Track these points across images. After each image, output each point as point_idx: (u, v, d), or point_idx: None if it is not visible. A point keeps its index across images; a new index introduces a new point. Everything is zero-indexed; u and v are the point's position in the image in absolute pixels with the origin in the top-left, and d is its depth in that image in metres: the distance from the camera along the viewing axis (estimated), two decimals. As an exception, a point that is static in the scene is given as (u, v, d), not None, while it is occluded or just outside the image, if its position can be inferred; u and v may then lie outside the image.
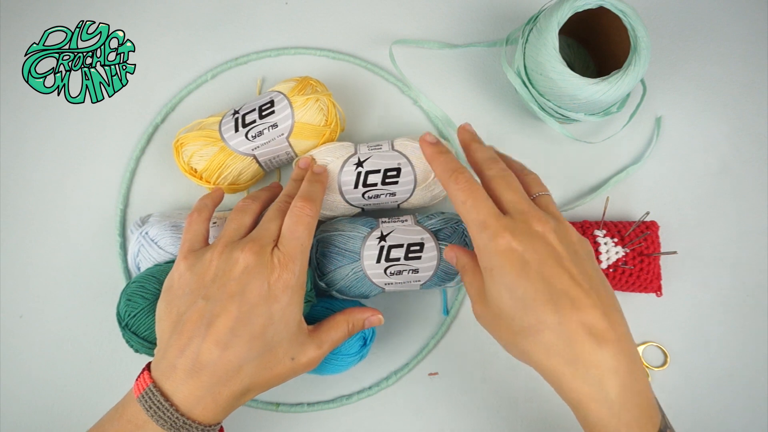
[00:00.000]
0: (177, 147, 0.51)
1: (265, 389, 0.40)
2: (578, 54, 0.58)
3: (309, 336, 0.41)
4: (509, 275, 0.36)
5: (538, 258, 0.36)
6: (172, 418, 0.36)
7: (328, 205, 0.50)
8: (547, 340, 0.35)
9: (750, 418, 0.53)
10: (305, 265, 0.41)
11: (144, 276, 0.46)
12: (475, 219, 0.38)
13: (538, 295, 0.35)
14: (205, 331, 0.37)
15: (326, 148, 0.50)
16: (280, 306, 0.39)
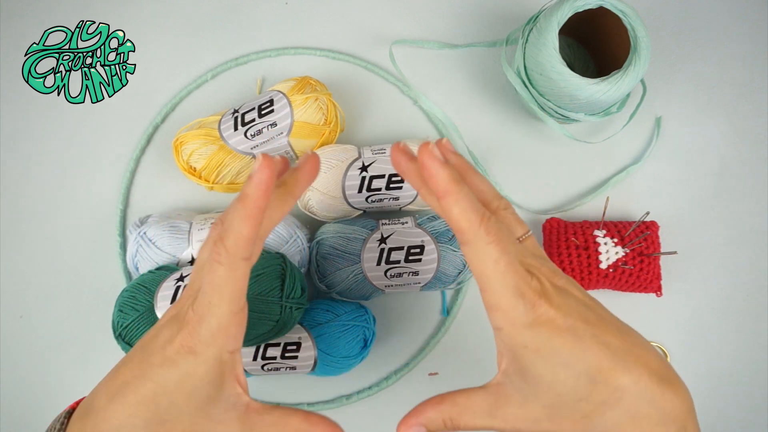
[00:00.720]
0: (176, 146, 0.51)
1: None
2: (578, 54, 0.58)
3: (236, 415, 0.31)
4: (563, 349, 0.28)
5: (582, 318, 0.29)
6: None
7: (329, 207, 0.50)
8: (629, 407, 0.28)
9: (750, 418, 0.53)
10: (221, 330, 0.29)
11: (135, 285, 0.46)
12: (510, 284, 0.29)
13: (603, 362, 0.28)
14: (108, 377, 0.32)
15: (330, 150, 0.50)
16: (177, 374, 0.29)
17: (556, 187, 0.57)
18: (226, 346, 0.30)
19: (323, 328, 0.47)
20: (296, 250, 0.49)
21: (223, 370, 0.30)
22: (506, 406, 0.30)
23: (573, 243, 0.52)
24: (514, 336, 0.29)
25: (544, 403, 0.29)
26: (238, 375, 0.31)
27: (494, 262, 0.29)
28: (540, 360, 0.29)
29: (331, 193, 0.49)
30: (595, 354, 0.28)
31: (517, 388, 0.30)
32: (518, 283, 0.29)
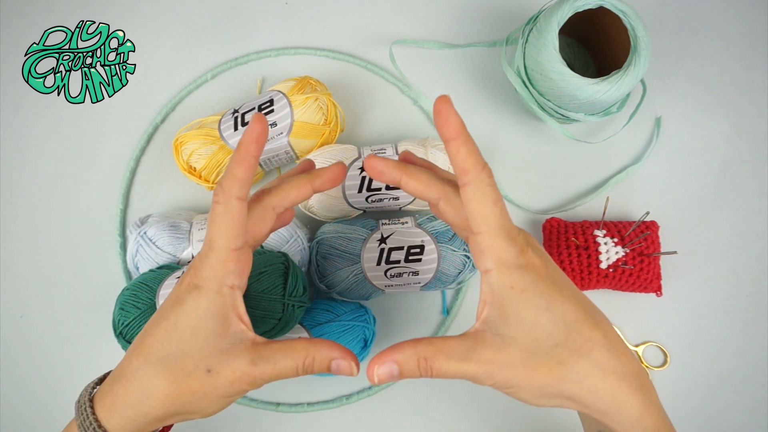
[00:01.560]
0: (176, 145, 0.51)
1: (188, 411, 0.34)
2: (578, 54, 0.58)
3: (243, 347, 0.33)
4: (546, 294, 0.31)
5: (560, 275, 0.33)
6: (91, 426, 0.33)
7: (329, 207, 0.50)
8: (599, 358, 0.31)
9: (750, 418, 0.53)
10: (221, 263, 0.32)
11: (136, 284, 0.46)
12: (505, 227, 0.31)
13: (578, 312, 0.31)
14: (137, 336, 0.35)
15: (329, 150, 0.50)
16: (184, 309, 0.33)
17: (556, 187, 0.57)
18: (225, 280, 0.32)
19: (323, 328, 0.47)
20: (296, 250, 0.49)
21: (224, 304, 0.33)
22: (482, 350, 0.31)
23: (573, 243, 0.52)
24: (503, 276, 0.31)
25: (522, 347, 0.31)
26: (240, 313, 0.33)
27: (493, 203, 0.30)
28: (524, 301, 0.31)
29: (330, 193, 0.49)
30: (571, 305, 0.31)
31: (496, 333, 0.31)
32: (510, 228, 0.31)
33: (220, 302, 0.33)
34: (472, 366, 0.31)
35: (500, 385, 0.31)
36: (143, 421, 0.34)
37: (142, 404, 0.33)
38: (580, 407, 0.32)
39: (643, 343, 0.54)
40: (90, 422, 0.33)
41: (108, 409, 0.34)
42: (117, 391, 0.34)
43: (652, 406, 0.32)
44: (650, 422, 0.32)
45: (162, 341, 0.33)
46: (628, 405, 0.31)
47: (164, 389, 0.33)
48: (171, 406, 0.33)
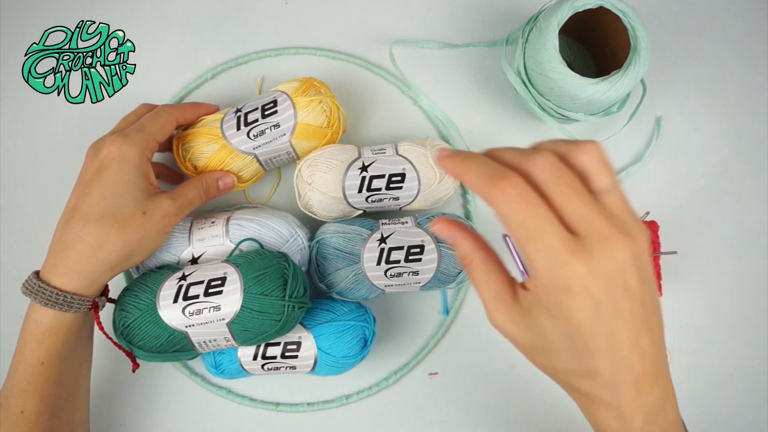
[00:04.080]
0: (177, 144, 0.51)
1: (136, 250, 0.43)
2: (578, 54, 0.58)
3: (161, 192, 0.45)
4: (575, 319, 0.28)
5: (613, 302, 0.28)
6: (30, 283, 0.42)
7: (329, 207, 0.50)
8: (593, 386, 0.31)
9: (750, 418, 0.53)
10: (146, 138, 0.44)
11: (137, 284, 0.46)
12: (537, 249, 0.28)
13: (600, 343, 0.29)
14: (63, 216, 0.44)
15: (329, 150, 0.50)
16: (112, 172, 0.42)
17: (556, 187, 0.57)
18: (145, 152, 0.44)
19: (323, 328, 0.47)
20: (296, 249, 0.49)
21: (145, 166, 0.44)
22: (504, 309, 0.31)
23: (573, 243, 0.52)
24: (539, 284, 0.29)
25: (530, 337, 0.31)
26: (152, 174, 0.46)
27: (518, 225, 0.28)
28: (545, 312, 0.29)
29: (331, 193, 0.49)
30: (599, 336, 0.29)
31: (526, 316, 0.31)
32: (552, 242, 0.27)
33: (143, 165, 0.44)
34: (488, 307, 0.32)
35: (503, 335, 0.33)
36: (100, 270, 0.42)
37: (96, 255, 0.41)
38: None
39: (643, 343, 0.54)
40: (52, 293, 0.41)
41: (62, 273, 0.41)
42: (67, 256, 0.41)
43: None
44: None
45: (98, 201, 0.42)
46: (597, 420, 0.32)
47: (113, 235, 0.42)
48: (122, 249, 0.42)
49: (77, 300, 0.41)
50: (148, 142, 0.44)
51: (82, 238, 0.41)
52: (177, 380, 0.54)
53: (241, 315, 0.43)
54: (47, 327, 0.41)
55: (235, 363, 0.48)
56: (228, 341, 0.44)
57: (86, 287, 0.42)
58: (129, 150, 0.43)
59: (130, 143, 0.43)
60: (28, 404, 0.41)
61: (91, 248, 0.41)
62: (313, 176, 0.49)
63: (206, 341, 0.44)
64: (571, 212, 0.28)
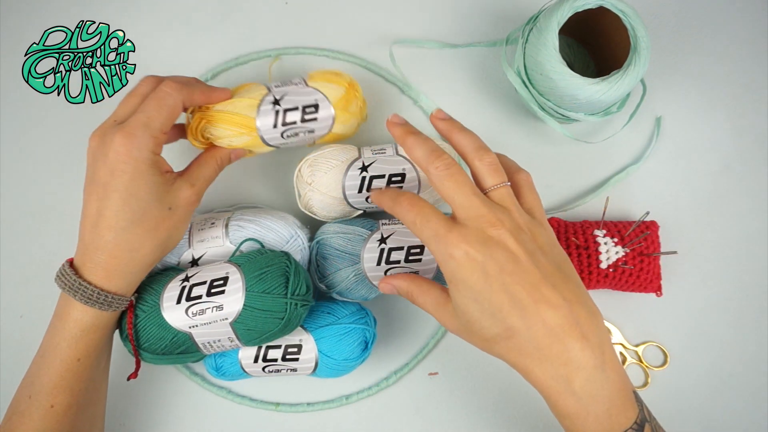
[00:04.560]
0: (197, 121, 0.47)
1: (168, 245, 0.44)
2: (578, 54, 0.58)
3: (178, 179, 0.44)
4: (473, 286, 0.36)
5: (498, 266, 0.36)
6: (70, 279, 0.41)
7: (329, 208, 0.50)
8: (517, 344, 0.36)
9: (750, 418, 0.53)
10: (156, 137, 0.42)
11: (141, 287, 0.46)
12: (427, 236, 0.38)
13: (504, 305, 0.36)
14: (82, 218, 0.43)
15: (330, 150, 0.50)
16: (129, 177, 0.40)
17: (556, 187, 0.57)
18: (156, 149, 0.42)
19: (324, 331, 0.47)
20: (296, 250, 0.49)
21: (156, 160, 0.42)
22: (443, 310, 0.40)
23: (573, 243, 0.52)
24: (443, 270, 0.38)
25: (462, 322, 0.39)
26: (164, 162, 0.44)
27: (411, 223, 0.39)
28: (457, 291, 0.37)
29: (331, 194, 0.49)
30: (499, 298, 0.36)
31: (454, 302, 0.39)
32: (437, 229, 0.37)
33: (157, 162, 0.42)
34: (437, 317, 0.41)
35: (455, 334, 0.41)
36: (139, 271, 0.43)
37: (134, 259, 0.42)
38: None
39: (643, 343, 0.54)
40: (93, 292, 0.40)
41: (102, 276, 0.41)
42: (104, 260, 0.41)
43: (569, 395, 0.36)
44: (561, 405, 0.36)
45: (123, 208, 0.41)
46: (539, 385, 0.37)
47: (146, 239, 0.42)
48: (156, 248, 0.43)
49: (117, 299, 0.42)
50: (156, 138, 0.42)
51: (118, 245, 0.41)
52: (177, 380, 0.54)
53: (244, 314, 0.43)
54: (87, 325, 0.41)
55: (236, 366, 0.48)
56: (232, 341, 0.44)
57: (126, 287, 0.42)
58: (139, 153, 0.41)
59: (139, 146, 0.41)
60: (58, 399, 0.41)
61: (129, 253, 0.41)
62: (313, 176, 0.49)
63: (210, 342, 0.44)
64: (455, 204, 0.37)
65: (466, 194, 0.37)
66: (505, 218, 0.37)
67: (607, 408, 0.36)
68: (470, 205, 0.37)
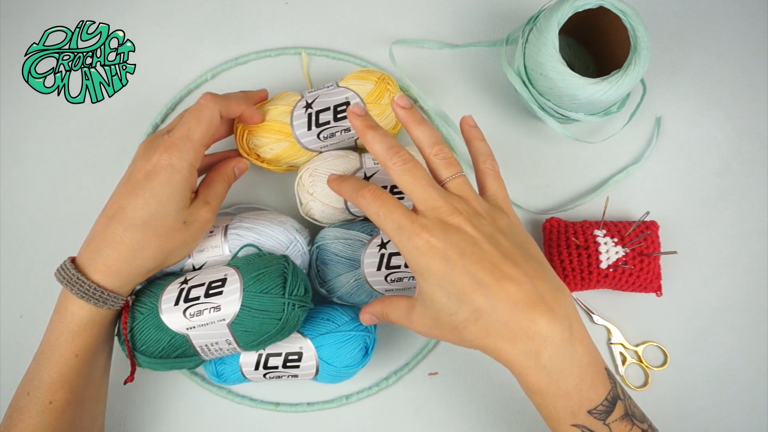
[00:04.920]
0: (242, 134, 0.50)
1: (172, 256, 0.44)
2: (578, 54, 0.58)
3: (198, 199, 0.45)
4: (437, 273, 0.37)
5: (458, 251, 0.37)
6: (68, 273, 0.42)
7: (331, 216, 0.50)
8: (485, 325, 0.37)
9: (750, 418, 0.53)
10: (194, 149, 0.43)
11: (139, 289, 0.46)
12: (390, 228, 0.39)
13: (467, 287, 0.37)
14: (102, 213, 0.44)
15: (331, 160, 0.49)
16: (160, 180, 0.42)
17: (556, 187, 0.57)
18: (195, 163, 0.43)
19: (324, 339, 0.47)
20: (296, 254, 0.48)
21: (192, 178, 0.43)
22: (412, 314, 0.41)
23: (573, 243, 0.52)
24: (408, 262, 0.39)
25: (431, 316, 0.39)
26: (195, 185, 0.45)
27: (375, 215, 0.40)
28: (423, 281, 0.38)
29: (332, 204, 0.49)
30: (463, 281, 0.37)
31: (421, 303, 0.40)
32: (399, 222, 0.39)
33: (191, 177, 0.43)
34: (408, 324, 0.42)
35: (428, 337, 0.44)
36: (137, 273, 0.43)
37: (135, 258, 0.42)
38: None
39: (643, 343, 0.54)
40: (90, 287, 0.41)
41: (100, 270, 0.42)
42: (106, 254, 0.42)
43: (539, 370, 0.36)
44: (531, 381, 0.37)
45: (143, 207, 0.42)
46: (509, 363, 0.37)
47: (152, 243, 0.42)
48: (159, 255, 0.43)
49: (112, 297, 0.42)
50: (196, 152, 0.43)
51: (123, 240, 0.42)
52: (177, 380, 0.54)
53: (242, 314, 0.43)
54: (84, 320, 0.42)
55: (237, 372, 0.48)
56: (230, 344, 0.44)
57: (121, 287, 0.42)
58: (179, 163, 0.42)
59: (180, 156, 0.42)
60: (57, 395, 0.42)
61: (131, 252, 0.42)
62: (315, 186, 0.49)
63: (208, 344, 0.44)
64: (414, 196, 0.39)
65: (423, 186, 0.39)
66: (461, 206, 0.39)
67: (576, 383, 0.37)
68: (427, 197, 0.39)
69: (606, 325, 0.54)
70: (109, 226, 0.42)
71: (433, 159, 0.42)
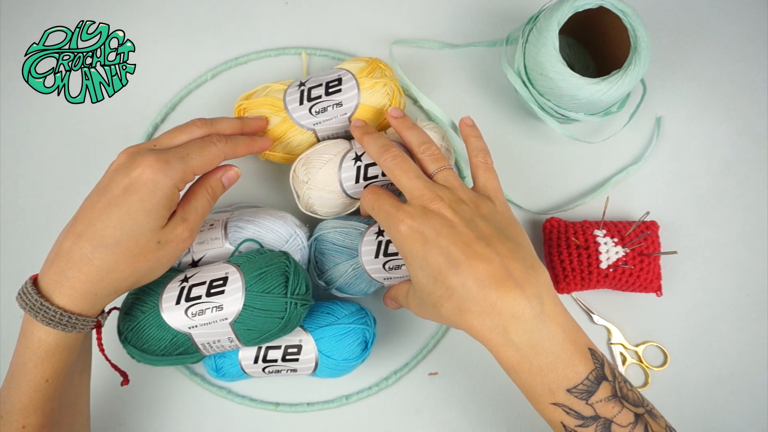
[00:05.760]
0: (239, 112, 0.51)
1: (144, 277, 0.42)
2: (578, 54, 0.58)
3: (176, 216, 0.42)
4: (417, 254, 0.40)
5: (435, 232, 0.39)
6: (31, 299, 0.39)
7: (330, 203, 0.50)
8: (458, 302, 0.38)
9: (750, 418, 0.53)
10: (184, 171, 0.41)
11: (140, 288, 0.46)
12: (381, 217, 0.43)
13: (442, 266, 0.38)
14: (70, 225, 0.41)
15: (320, 147, 0.50)
16: (139, 197, 0.39)
17: (556, 187, 0.57)
18: (180, 183, 0.41)
19: (324, 331, 0.47)
20: (296, 249, 0.48)
21: (174, 197, 0.41)
22: (409, 297, 0.44)
23: (573, 243, 0.52)
24: (397, 248, 0.42)
25: (418, 296, 0.42)
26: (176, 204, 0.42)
27: (371, 209, 0.44)
28: (409, 264, 0.41)
29: (328, 188, 0.49)
30: (437, 260, 0.39)
31: (411, 285, 0.42)
32: (388, 211, 0.42)
33: (173, 196, 0.41)
34: (408, 307, 0.45)
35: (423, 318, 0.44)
36: (106, 294, 0.40)
37: (104, 279, 0.39)
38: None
39: (643, 343, 0.54)
40: (56, 313, 0.38)
41: (66, 293, 0.39)
42: (72, 276, 0.39)
43: (508, 346, 0.37)
44: (503, 357, 0.38)
45: (115, 226, 0.39)
46: (482, 339, 0.38)
47: (123, 263, 0.39)
48: (131, 276, 0.40)
49: (81, 321, 0.39)
50: (186, 174, 0.41)
51: (92, 261, 0.39)
52: (177, 380, 0.54)
53: (244, 314, 0.43)
54: (52, 346, 0.39)
55: (236, 366, 0.48)
56: (232, 341, 0.44)
57: (89, 309, 0.40)
58: (163, 179, 0.39)
59: (166, 173, 0.40)
60: (30, 419, 0.40)
61: (100, 273, 0.39)
62: (309, 174, 0.49)
63: (210, 342, 0.44)
64: (402, 187, 0.43)
65: (410, 178, 0.42)
66: (444, 194, 0.41)
67: (550, 360, 0.37)
68: (413, 187, 0.42)
69: (606, 325, 0.54)
70: (77, 244, 0.39)
71: (421, 156, 0.45)
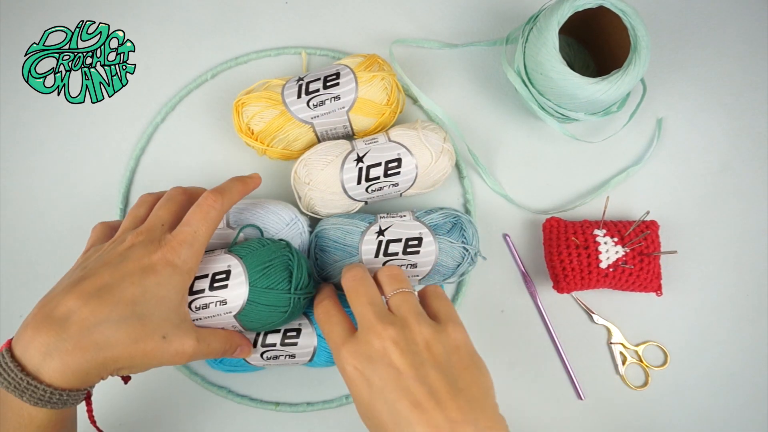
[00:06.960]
0: (238, 106, 0.51)
1: (133, 366, 0.38)
2: (578, 53, 0.58)
3: (190, 325, 0.40)
4: (363, 400, 0.37)
5: (381, 382, 0.36)
6: (15, 378, 0.34)
7: (331, 204, 0.50)
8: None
9: (750, 419, 0.53)
10: (197, 255, 0.40)
11: None
12: (329, 345, 0.40)
13: (388, 424, 0.36)
14: (70, 289, 0.37)
15: (322, 148, 0.50)
16: (157, 280, 0.38)
17: (556, 187, 0.57)
18: (194, 268, 0.40)
19: None
20: (296, 233, 0.49)
21: (187, 286, 0.40)
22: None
23: (573, 242, 0.52)
24: (343, 379, 0.39)
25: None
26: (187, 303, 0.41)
27: (322, 330, 0.42)
28: (354, 400, 0.39)
29: (330, 189, 0.49)
30: (382, 415, 0.36)
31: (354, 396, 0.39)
32: (335, 342, 0.39)
33: (187, 283, 0.40)
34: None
35: None
36: (95, 374, 0.36)
37: (98, 356, 0.36)
38: None
39: (643, 343, 0.54)
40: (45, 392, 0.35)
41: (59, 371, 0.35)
42: (66, 350, 0.35)
43: None
44: None
45: (127, 304, 0.37)
46: None
47: (122, 345, 0.36)
48: (123, 360, 0.37)
49: (74, 395, 0.36)
50: (199, 257, 0.41)
51: (94, 333, 0.36)
52: (177, 380, 0.54)
53: (248, 308, 0.43)
54: (44, 421, 0.36)
55: None
56: (235, 329, 0.45)
57: (81, 384, 0.36)
58: (184, 265, 0.39)
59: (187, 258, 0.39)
60: None
61: (95, 348, 0.36)
62: (310, 175, 0.49)
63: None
64: (354, 312, 0.40)
65: (362, 304, 0.39)
66: (393, 331, 0.37)
67: None
68: (363, 315, 0.39)
69: (606, 324, 0.54)
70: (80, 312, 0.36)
71: (379, 276, 0.42)
